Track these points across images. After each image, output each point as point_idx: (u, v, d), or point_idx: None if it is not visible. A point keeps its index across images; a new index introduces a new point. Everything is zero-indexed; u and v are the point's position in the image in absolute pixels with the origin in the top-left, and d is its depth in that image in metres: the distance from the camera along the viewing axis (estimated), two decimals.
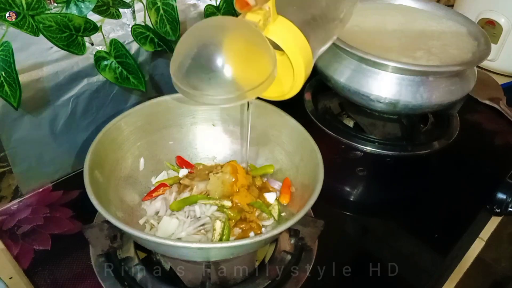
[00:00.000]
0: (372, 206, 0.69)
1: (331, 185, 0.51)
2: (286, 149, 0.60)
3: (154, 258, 0.54)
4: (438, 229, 0.64)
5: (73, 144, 0.65)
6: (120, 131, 0.57)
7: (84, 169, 0.49)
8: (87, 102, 0.63)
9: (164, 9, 0.61)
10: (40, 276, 0.53)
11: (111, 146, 0.56)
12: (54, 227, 0.59)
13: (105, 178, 0.53)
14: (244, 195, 0.56)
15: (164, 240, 0.45)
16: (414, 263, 0.60)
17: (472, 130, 0.84)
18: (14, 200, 0.62)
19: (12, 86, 0.51)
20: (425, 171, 0.77)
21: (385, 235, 0.64)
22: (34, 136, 0.59)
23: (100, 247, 0.51)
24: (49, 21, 0.51)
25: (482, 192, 0.70)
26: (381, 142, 0.76)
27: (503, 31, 0.95)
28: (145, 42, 0.63)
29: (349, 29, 0.75)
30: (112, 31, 0.60)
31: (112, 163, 0.56)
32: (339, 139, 0.76)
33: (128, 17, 0.61)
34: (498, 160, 0.78)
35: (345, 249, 0.61)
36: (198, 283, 0.50)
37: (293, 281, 0.53)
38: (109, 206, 0.51)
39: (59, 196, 0.63)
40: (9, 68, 0.50)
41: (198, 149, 0.65)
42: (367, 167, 0.73)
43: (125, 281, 0.51)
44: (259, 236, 0.44)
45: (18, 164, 0.59)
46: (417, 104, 0.67)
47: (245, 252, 0.49)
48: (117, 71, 0.61)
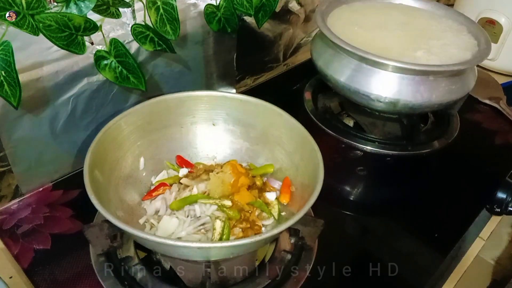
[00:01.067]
0: (372, 205, 0.69)
1: (331, 184, 0.51)
2: (286, 149, 0.60)
3: (154, 258, 0.54)
4: (438, 228, 0.64)
5: (73, 144, 0.65)
6: (120, 130, 0.57)
7: (84, 169, 0.49)
8: (87, 101, 0.63)
9: (164, 8, 0.61)
10: (40, 275, 0.53)
11: (111, 146, 0.56)
12: (54, 227, 0.59)
13: (105, 178, 0.53)
14: (245, 195, 0.56)
15: (164, 240, 0.45)
16: (414, 263, 0.60)
17: (472, 129, 0.84)
18: (14, 199, 0.62)
19: (12, 85, 0.51)
20: (425, 171, 0.77)
21: (385, 234, 0.64)
22: (34, 136, 0.59)
23: (100, 247, 0.51)
24: (49, 21, 0.51)
25: (482, 192, 0.70)
26: (381, 141, 0.76)
27: (503, 31, 0.95)
28: (145, 42, 0.63)
29: (349, 28, 0.75)
30: (112, 30, 0.60)
31: (112, 163, 0.55)
32: (339, 139, 0.76)
33: (128, 16, 0.60)
34: (498, 160, 0.78)
35: (345, 249, 0.61)
36: (198, 282, 0.50)
37: (293, 281, 0.53)
38: (109, 205, 0.51)
39: (59, 196, 0.63)
40: (9, 67, 0.50)
41: (198, 148, 0.65)
42: (367, 166, 0.73)
43: (125, 280, 0.51)
44: (259, 236, 0.44)
45: (18, 163, 0.59)
46: (417, 103, 0.67)
47: (245, 251, 0.49)
48: (117, 70, 0.61)
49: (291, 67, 0.96)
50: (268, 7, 0.76)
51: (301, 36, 0.94)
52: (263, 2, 0.75)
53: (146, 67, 0.67)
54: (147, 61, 0.67)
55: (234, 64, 0.82)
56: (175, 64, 0.71)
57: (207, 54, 0.75)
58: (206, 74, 0.78)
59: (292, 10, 0.88)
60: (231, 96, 0.63)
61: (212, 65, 0.78)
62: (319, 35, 0.77)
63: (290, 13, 0.88)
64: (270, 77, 0.93)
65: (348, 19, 0.78)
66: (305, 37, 0.95)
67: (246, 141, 0.64)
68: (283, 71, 0.95)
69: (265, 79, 0.92)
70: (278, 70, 0.94)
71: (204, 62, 0.76)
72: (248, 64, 0.86)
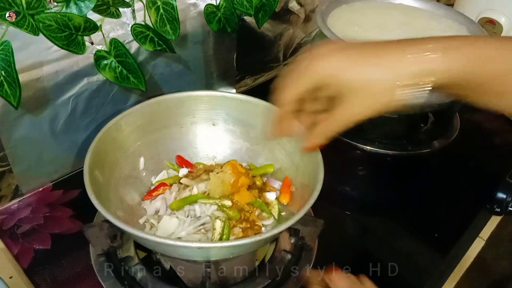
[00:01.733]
0: (372, 205, 0.69)
1: (331, 184, 0.51)
2: (286, 149, 0.60)
3: (154, 258, 0.54)
4: (438, 228, 0.64)
5: (73, 144, 0.65)
6: (120, 130, 0.57)
7: (84, 169, 0.48)
8: (87, 101, 0.63)
9: (164, 8, 0.61)
10: (40, 275, 0.53)
11: (111, 146, 0.56)
12: (54, 227, 0.59)
13: (105, 178, 0.53)
14: (245, 195, 0.56)
15: (164, 240, 0.45)
16: (414, 263, 0.60)
17: (473, 129, 0.84)
18: (14, 199, 0.62)
19: (12, 85, 0.51)
20: (425, 171, 0.77)
21: (385, 234, 0.64)
22: (34, 136, 0.59)
23: (100, 247, 0.51)
24: (49, 21, 0.51)
25: (482, 192, 0.70)
26: (381, 141, 0.76)
27: (503, 31, 0.95)
28: (145, 42, 0.63)
29: (349, 28, 0.75)
30: (112, 30, 0.60)
31: (112, 163, 0.55)
32: (339, 138, 0.76)
33: (128, 16, 0.60)
34: (498, 160, 0.78)
35: (345, 249, 0.61)
36: (198, 282, 0.50)
37: (293, 280, 0.53)
38: (109, 205, 0.51)
39: (59, 196, 0.63)
40: (9, 67, 0.50)
41: (198, 148, 0.65)
42: (367, 166, 0.73)
43: (125, 280, 0.51)
44: (259, 236, 0.44)
45: (18, 163, 0.59)
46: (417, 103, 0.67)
47: (245, 251, 0.49)
48: (117, 70, 0.61)
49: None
50: (268, 7, 0.76)
51: (301, 36, 0.94)
52: (263, 2, 0.75)
53: (146, 67, 0.67)
54: (147, 61, 0.67)
55: (234, 64, 0.82)
56: (175, 64, 0.71)
57: (207, 54, 0.75)
58: (206, 74, 0.78)
59: (292, 10, 0.88)
60: (231, 96, 0.63)
61: (212, 65, 0.78)
62: (319, 35, 0.77)
63: (290, 13, 0.88)
64: (270, 77, 0.93)
65: (348, 19, 0.78)
66: (305, 37, 0.95)
67: (246, 141, 0.64)
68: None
69: (265, 79, 0.92)
70: (278, 70, 0.94)
71: (204, 62, 0.76)
72: (248, 64, 0.86)
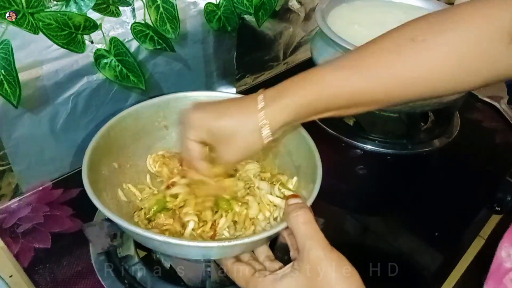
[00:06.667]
0: (372, 204, 0.69)
1: (331, 183, 0.51)
2: (285, 148, 0.60)
3: (154, 257, 0.54)
4: (438, 227, 0.64)
5: (73, 142, 0.65)
6: (120, 129, 0.57)
7: (83, 168, 0.48)
8: (87, 100, 0.62)
9: (164, 7, 0.61)
10: (40, 274, 0.53)
11: (111, 145, 0.55)
12: (54, 226, 0.59)
13: (105, 176, 0.53)
14: (225, 185, 0.53)
15: (164, 238, 0.45)
16: (414, 262, 0.60)
17: (473, 128, 0.84)
18: (14, 198, 0.62)
19: (11, 84, 0.51)
20: (425, 170, 0.77)
21: (385, 233, 0.64)
22: (34, 134, 0.59)
23: (100, 246, 0.51)
24: (48, 19, 0.51)
25: (482, 191, 0.70)
26: (381, 140, 0.76)
27: None
28: (145, 40, 0.63)
29: (349, 27, 0.74)
30: (112, 29, 0.60)
31: (112, 161, 0.55)
32: (339, 138, 0.76)
33: (128, 15, 0.60)
34: (499, 159, 0.78)
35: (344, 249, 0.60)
36: (198, 281, 0.50)
37: None
38: (109, 204, 0.51)
39: (59, 194, 0.63)
40: (9, 66, 0.50)
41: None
42: (367, 165, 0.73)
43: (125, 279, 0.51)
44: (259, 235, 0.44)
45: (18, 162, 0.59)
46: (417, 102, 0.67)
47: (245, 251, 0.49)
48: (117, 69, 0.61)
49: (291, 65, 0.96)
50: (268, 5, 0.76)
51: (301, 35, 0.94)
52: (263, 1, 0.75)
53: (146, 66, 0.67)
54: (147, 59, 0.67)
55: (234, 62, 0.82)
56: (175, 63, 0.71)
57: (207, 53, 0.75)
58: (206, 73, 0.78)
59: (292, 8, 0.88)
60: (231, 96, 0.63)
61: (212, 64, 0.78)
62: (319, 33, 0.77)
63: (290, 11, 0.88)
64: (270, 76, 0.92)
65: (348, 17, 0.78)
66: (305, 35, 0.95)
67: None
68: (283, 69, 0.95)
69: (265, 77, 0.92)
70: (278, 68, 0.94)
71: (204, 61, 0.76)
72: (248, 63, 0.86)
